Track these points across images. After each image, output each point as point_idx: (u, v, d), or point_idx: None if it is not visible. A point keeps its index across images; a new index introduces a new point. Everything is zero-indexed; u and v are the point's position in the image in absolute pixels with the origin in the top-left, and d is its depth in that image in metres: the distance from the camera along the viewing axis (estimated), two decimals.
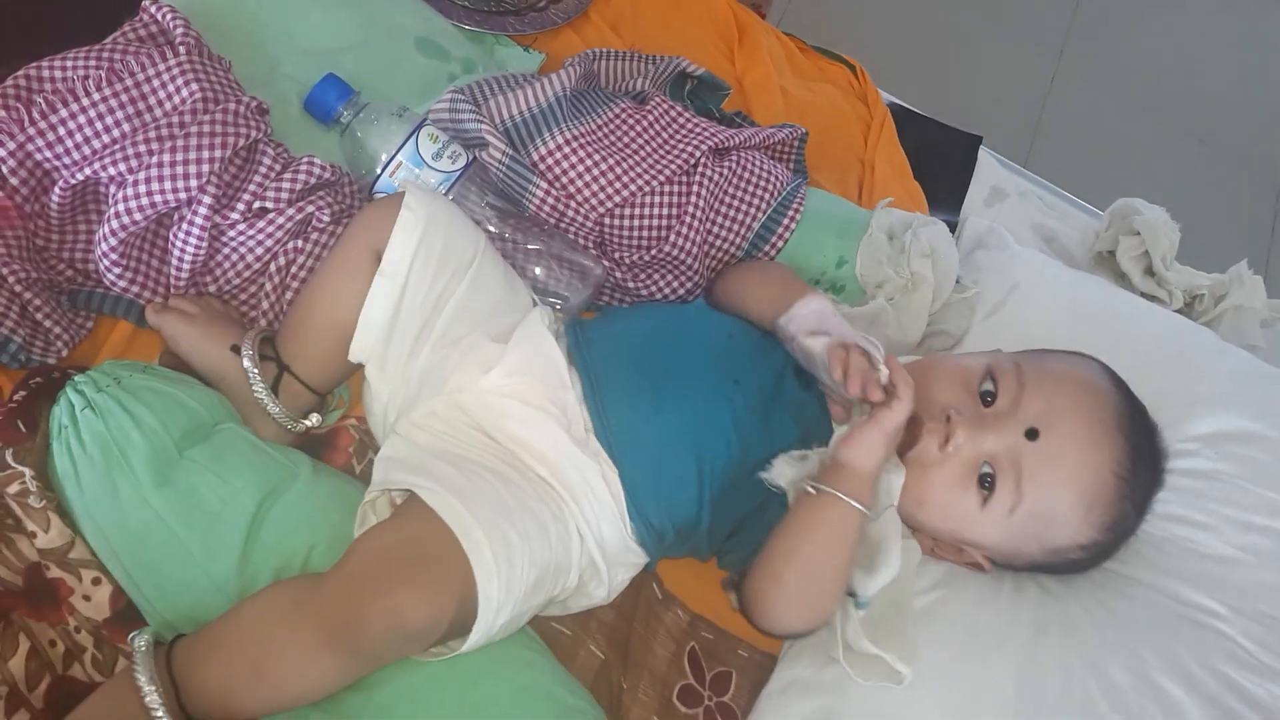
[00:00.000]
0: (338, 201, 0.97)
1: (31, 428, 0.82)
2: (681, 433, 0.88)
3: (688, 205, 1.05)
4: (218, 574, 0.80)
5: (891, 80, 1.50)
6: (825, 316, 0.93)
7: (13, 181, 0.89)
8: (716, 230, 1.07)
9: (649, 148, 1.07)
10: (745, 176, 1.08)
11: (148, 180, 0.88)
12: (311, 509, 0.84)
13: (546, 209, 1.03)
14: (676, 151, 1.07)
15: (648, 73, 1.17)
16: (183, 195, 0.89)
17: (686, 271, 1.06)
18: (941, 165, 1.38)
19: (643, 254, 1.05)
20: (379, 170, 0.99)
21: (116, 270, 0.91)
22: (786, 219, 1.08)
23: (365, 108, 1.01)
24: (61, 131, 0.89)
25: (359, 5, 1.12)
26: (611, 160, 1.04)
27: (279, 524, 0.82)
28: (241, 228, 0.93)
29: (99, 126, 0.89)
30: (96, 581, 0.80)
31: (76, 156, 0.89)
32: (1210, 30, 2.49)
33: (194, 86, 0.91)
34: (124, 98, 0.90)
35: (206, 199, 0.89)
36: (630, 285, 1.06)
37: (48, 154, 0.89)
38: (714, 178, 1.06)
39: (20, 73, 0.91)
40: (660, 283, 1.06)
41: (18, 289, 0.87)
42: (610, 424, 0.88)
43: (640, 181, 1.04)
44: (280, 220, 0.93)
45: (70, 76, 0.91)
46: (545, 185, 1.02)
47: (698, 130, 1.09)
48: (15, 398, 0.83)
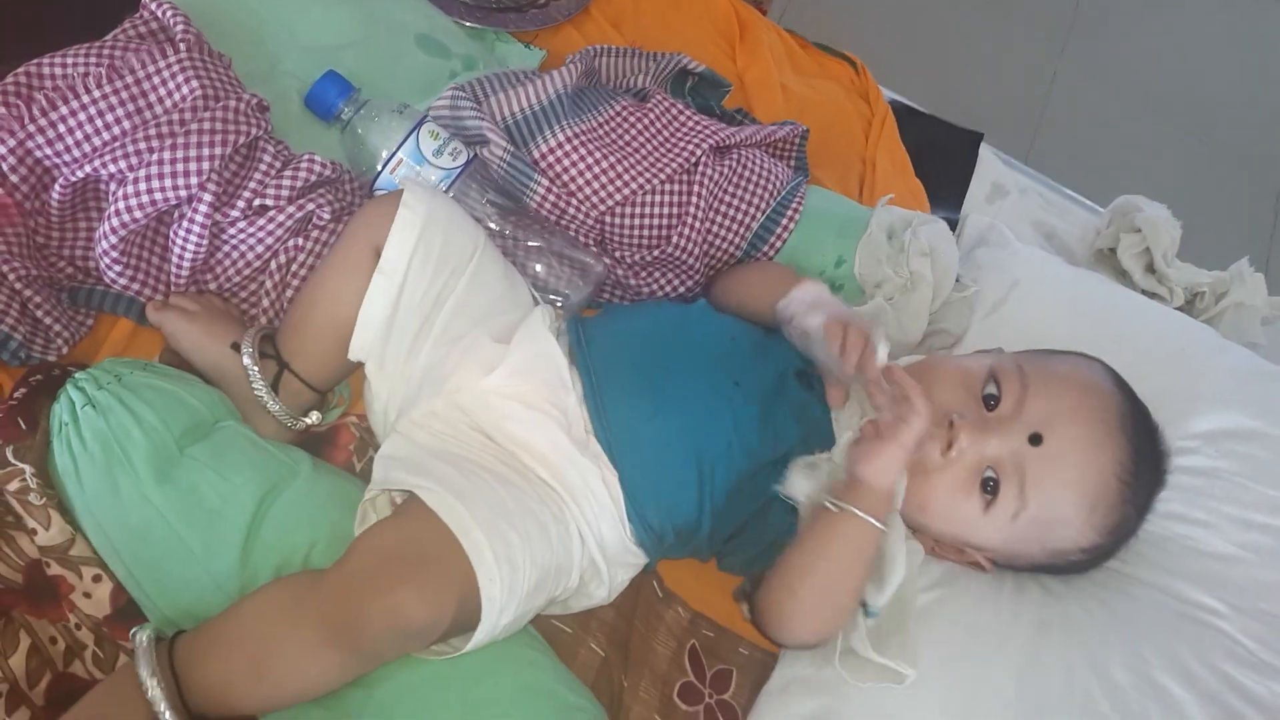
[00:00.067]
0: (338, 199, 0.97)
1: (32, 425, 0.82)
2: (681, 435, 0.88)
3: (688, 204, 1.04)
4: (218, 571, 0.80)
5: (892, 77, 1.50)
6: (823, 298, 0.93)
7: (13, 179, 0.89)
8: (716, 229, 1.07)
9: (650, 145, 1.07)
10: (745, 175, 1.08)
11: (148, 178, 0.87)
12: (312, 507, 0.84)
13: (548, 206, 1.03)
14: (678, 150, 1.07)
15: (649, 69, 1.17)
16: (183, 193, 0.89)
17: (687, 270, 1.06)
18: (942, 162, 1.38)
19: (644, 253, 1.05)
20: (380, 167, 0.99)
21: (117, 268, 0.91)
22: (785, 218, 1.08)
23: (366, 104, 1.01)
24: (62, 129, 0.88)
25: (359, 2, 1.12)
26: (613, 158, 1.03)
27: (279, 522, 0.82)
28: (242, 225, 0.93)
29: (99, 124, 0.89)
30: (97, 579, 0.80)
31: (77, 154, 0.89)
32: (1211, 28, 2.49)
33: (194, 84, 0.91)
34: (124, 95, 0.90)
35: (207, 196, 0.89)
36: (631, 283, 1.06)
37: (48, 151, 0.89)
38: (714, 176, 1.06)
39: (20, 70, 0.90)
40: (661, 280, 1.06)
41: (18, 286, 0.87)
42: (610, 425, 0.87)
43: (641, 180, 1.04)
44: (280, 218, 0.93)
45: (70, 74, 0.91)
46: (546, 183, 1.02)
47: (699, 128, 1.09)
48: (15, 395, 0.83)
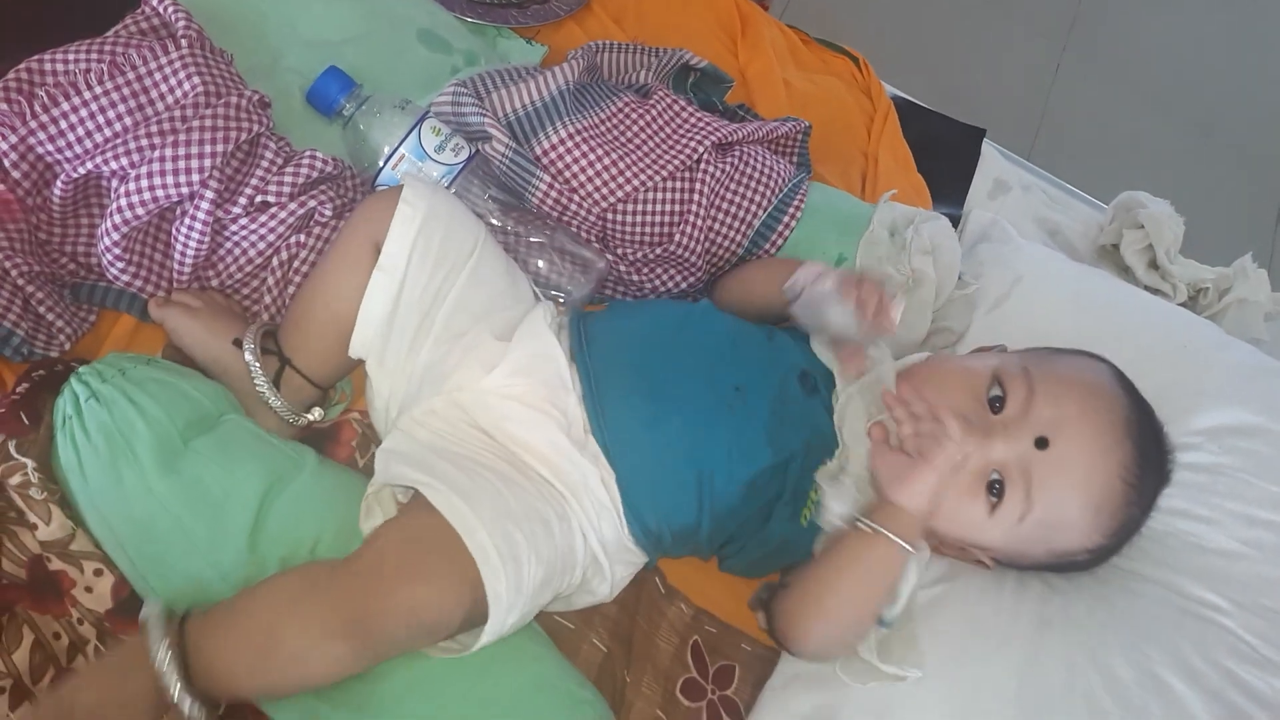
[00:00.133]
0: (340, 195, 0.97)
1: (34, 420, 0.82)
2: (680, 441, 0.87)
3: (690, 201, 1.04)
4: (222, 562, 0.80)
5: (895, 73, 1.50)
6: (830, 269, 0.93)
7: (15, 175, 0.89)
8: (718, 226, 1.06)
9: (652, 142, 1.07)
10: (747, 172, 1.08)
11: (150, 175, 0.87)
12: (318, 500, 0.84)
13: (549, 203, 1.03)
14: (680, 146, 1.06)
15: (651, 65, 1.17)
16: (185, 190, 0.88)
17: (689, 267, 1.05)
18: (945, 158, 1.38)
19: (646, 250, 1.05)
20: (382, 163, 0.99)
21: (119, 265, 0.91)
22: (788, 215, 1.08)
23: (368, 100, 1.01)
24: (64, 125, 0.88)
25: None
26: (615, 155, 1.03)
27: (285, 514, 0.82)
28: (244, 222, 0.93)
29: (101, 120, 0.89)
30: (98, 573, 0.80)
31: (79, 150, 0.89)
32: (1214, 23, 2.48)
33: (196, 80, 0.91)
34: (126, 91, 0.90)
35: (209, 193, 0.89)
36: (633, 279, 1.05)
37: (49, 147, 0.89)
38: (716, 173, 1.06)
39: (22, 66, 0.90)
40: (664, 277, 1.06)
41: (20, 282, 0.87)
42: (608, 428, 0.87)
43: (644, 177, 1.03)
44: (282, 215, 0.93)
45: (72, 70, 0.91)
46: (548, 179, 1.02)
47: (701, 125, 1.09)
48: (18, 390, 0.83)
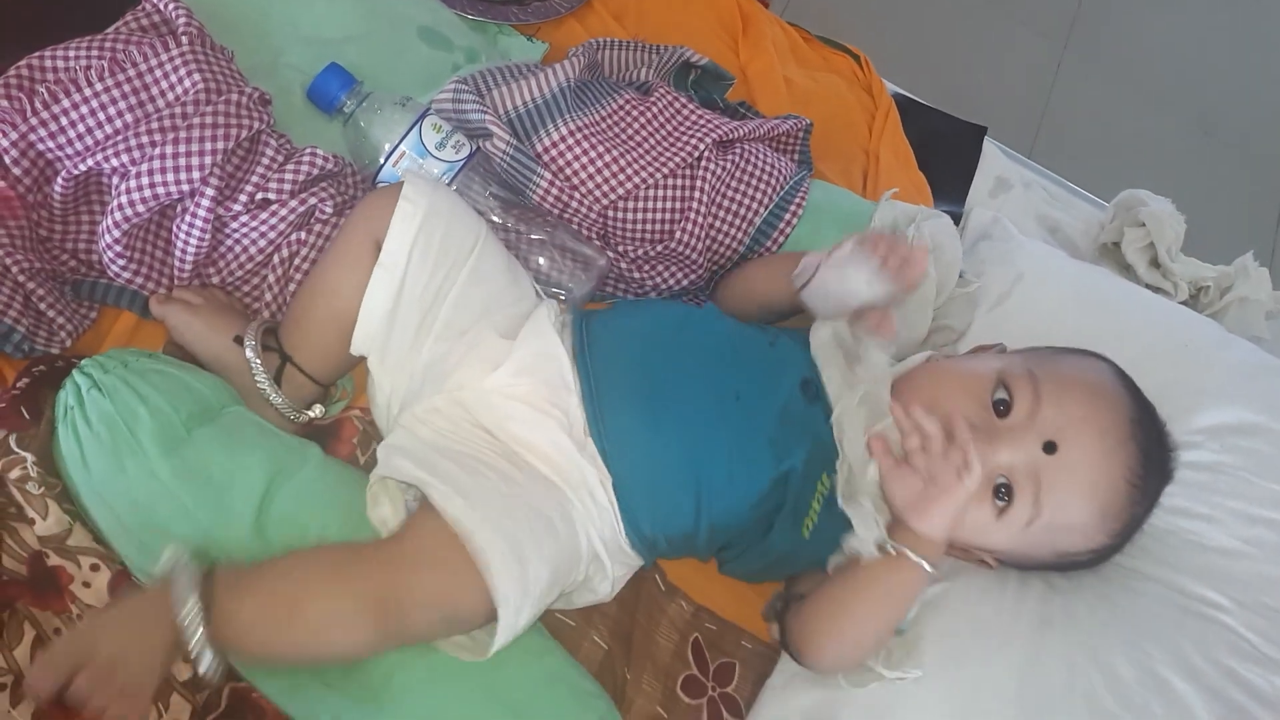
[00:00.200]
0: (341, 193, 0.97)
1: (35, 415, 0.82)
2: (679, 450, 0.87)
3: (691, 199, 1.04)
4: (227, 547, 0.79)
5: (896, 70, 1.50)
6: (847, 238, 0.93)
7: (15, 171, 0.88)
8: (719, 224, 1.06)
9: (653, 140, 1.07)
10: (749, 170, 1.08)
11: (150, 172, 0.87)
12: (323, 492, 0.84)
13: (550, 200, 1.03)
14: (681, 144, 1.06)
15: (652, 63, 1.17)
16: (185, 187, 0.88)
17: (690, 264, 1.05)
18: (946, 156, 1.38)
19: (647, 248, 1.05)
20: (382, 160, 0.99)
21: (120, 262, 0.91)
22: (789, 213, 1.08)
23: (368, 97, 1.01)
24: (64, 122, 0.88)
25: None
26: (616, 152, 1.03)
27: (290, 502, 0.82)
28: (244, 219, 0.93)
29: (101, 117, 0.89)
30: (95, 568, 0.80)
31: (79, 147, 0.89)
32: (1216, 21, 2.48)
33: (196, 77, 0.90)
34: (126, 88, 0.90)
35: (209, 191, 0.89)
36: (634, 276, 1.05)
37: (50, 144, 0.89)
38: (717, 171, 1.06)
39: (22, 63, 0.90)
40: (665, 274, 1.06)
41: (21, 279, 0.87)
42: (607, 434, 0.87)
43: (645, 174, 1.03)
44: (283, 212, 0.93)
45: (73, 67, 0.91)
46: (549, 176, 1.02)
47: (702, 123, 1.08)
48: (18, 384, 0.83)
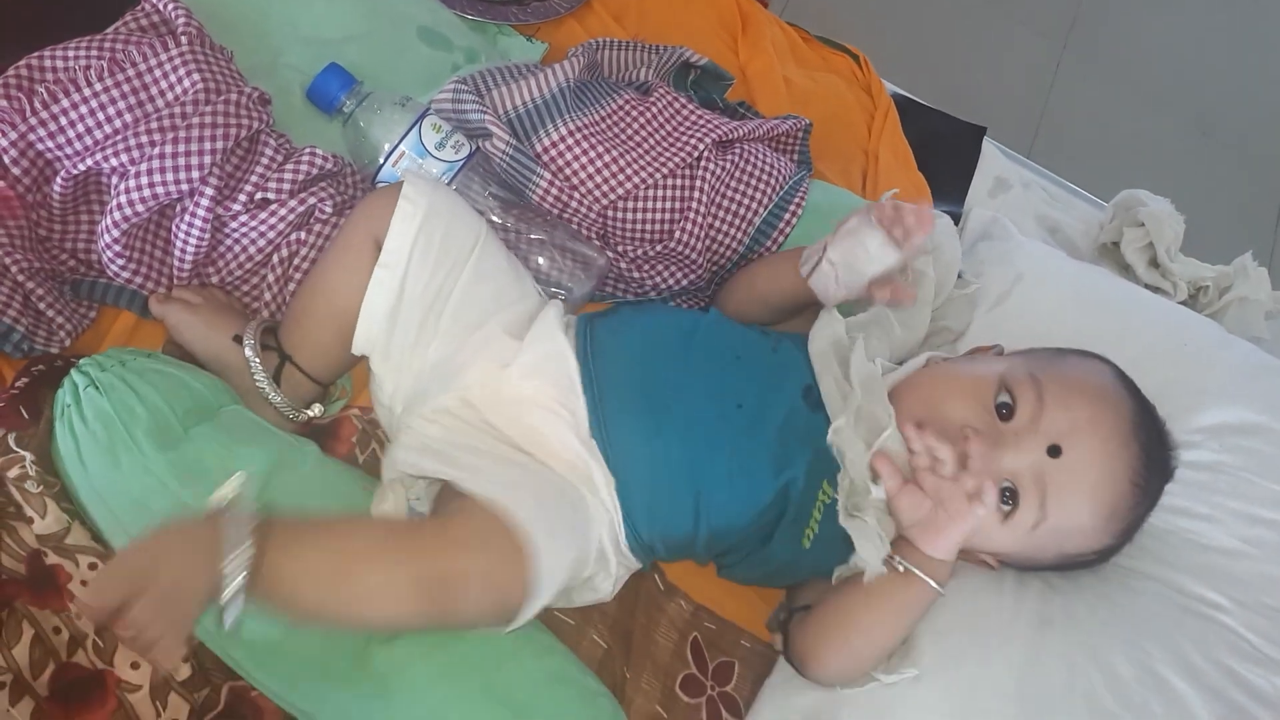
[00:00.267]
0: (340, 192, 0.97)
1: (34, 414, 0.82)
2: (680, 458, 0.87)
3: (691, 199, 1.04)
4: None
5: (895, 70, 1.50)
6: (852, 212, 0.94)
7: (15, 171, 0.88)
8: (718, 225, 1.06)
9: (653, 140, 1.07)
10: (748, 170, 1.08)
11: (149, 171, 0.87)
12: (320, 488, 0.84)
13: (550, 200, 1.03)
14: (680, 144, 1.06)
15: (651, 63, 1.17)
16: (185, 186, 0.88)
17: (689, 265, 1.05)
18: (945, 156, 1.38)
19: (647, 248, 1.05)
20: (382, 160, 0.99)
21: (120, 261, 0.91)
22: (788, 213, 1.08)
23: (368, 97, 1.01)
24: (63, 121, 0.88)
25: None
26: (615, 152, 1.03)
27: (287, 500, 0.81)
28: (244, 219, 0.93)
29: (100, 117, 0.89)
30: (93, 567, 0.80)
31: (79, 146, 0.89)
32: (1215, 22, 2.48)
33: (195, 77, 0.90)
34: (125, 88, 0.90)
35: (209, 190, 0.89)
36: (634, 276, 1.05)
37: (49, 144, 0.89)
38: (717, 171, 1.06)
39: (21, 63, 0.90)
40: (665, 274, 1.06)
41: (20, 279, 0.87)
42: (610, 439, 0.87)
43: (644, 174, 1.03)
44: (282, 212, 0.93)
45: (72, 66, 0.91)
46: (549, 176, 1.02)
47: (701, 123, 1.08)
48: (17, 384, 0.83)
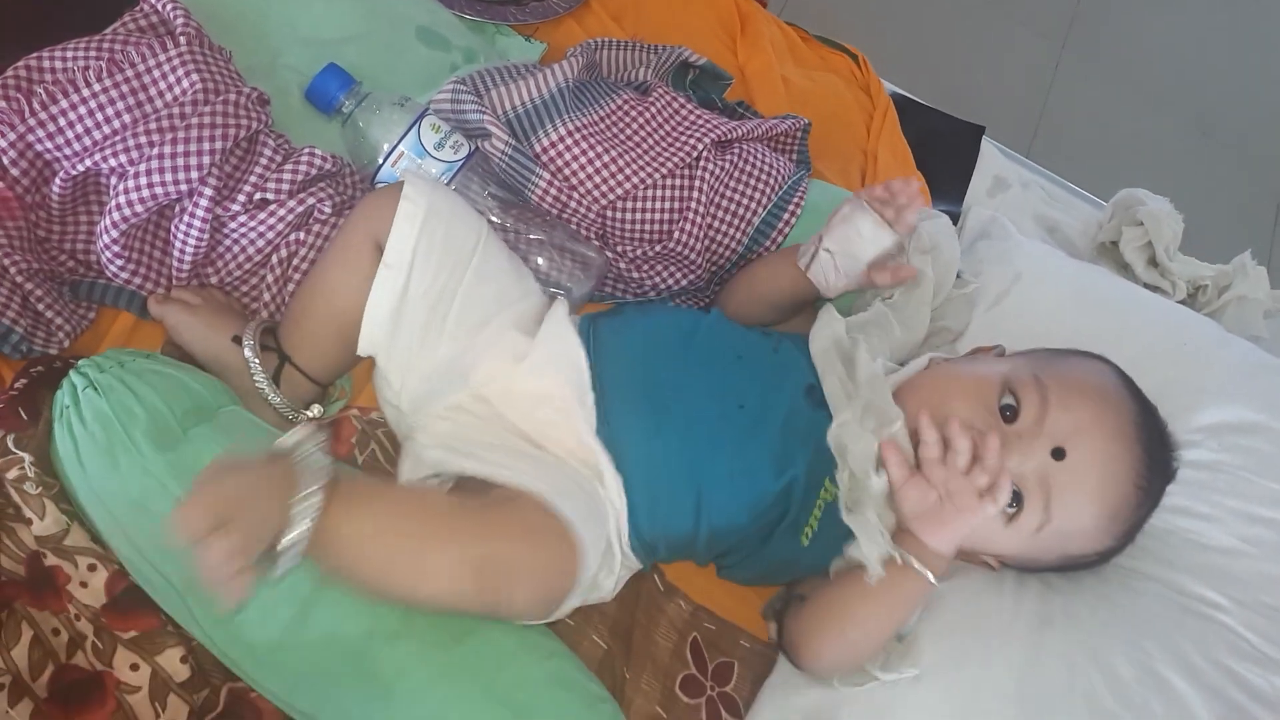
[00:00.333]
0: (339, 193, 0.97)
1: (33, 415, 0.82)
2: (681, 458, 0.87)
3: (690, 199, 1.04)
4: None
5: (894, 70, 1.50)
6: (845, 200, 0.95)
7: (13, 172, 0.88)
8: (717, 224, 1.06)
9: (652, 140, 1.07)
10: (747, 170, 1.08)
11: (148, 172, 0.87)
12: None
13: (549, 200, 1.03)
14: (679, 144, 1.06)
15: (650, 62, 1.17)
16: (183, 187, 0.88)
17: (688, 264, 1.05)
18: (944, 155, 1.38)
19: (646, 248, 1.05)
20: (381, 160, 0.99)
21: (118, 262, 0.91)
22: (787, 213, 1.08)
23: (367, 98, 1.01)
24: (62, 122, 0.88)
25: None
26: (614, 152, 1.03)
27: None
28: (243, 219, 0.93)
29: (99, 117, 0.89)
30: (92, 568, 0.80)
31: (77, 147, 0.89)
32: (1215, 21, 2.48)
33: (194, 77, 0.90)
34: (124, 89, 0.90)
35: (207, 190, 0.89)
36: (633, 276, 1.05)
37: (48, 145, 0.89)
38: (716, 171, 1.06)
39: (20, 63, 0.90)
40: (664, 274, 1.06)
41: (19, 280, 0.87)
42: (613, 437, 0.87)
43: (643, 174, 1.03)
44: (281, 212, 0.93)
45: (70, 67, 0.91)
46: (548, 176, 1.02)
47: (700, 123, 1.08)
48: (16, 385, 0.83)
